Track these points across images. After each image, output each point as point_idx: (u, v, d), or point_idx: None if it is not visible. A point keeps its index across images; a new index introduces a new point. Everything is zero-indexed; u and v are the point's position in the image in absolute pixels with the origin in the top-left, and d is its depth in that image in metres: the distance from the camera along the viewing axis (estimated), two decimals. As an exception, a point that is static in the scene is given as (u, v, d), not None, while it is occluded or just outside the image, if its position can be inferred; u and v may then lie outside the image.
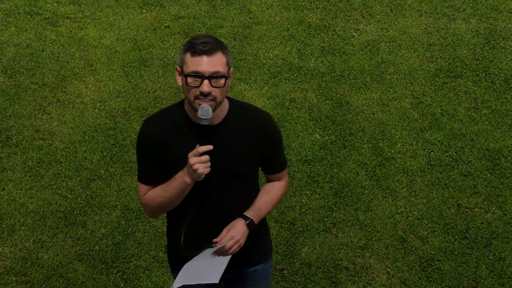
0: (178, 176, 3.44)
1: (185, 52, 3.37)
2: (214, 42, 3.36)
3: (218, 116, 3.50)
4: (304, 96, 6.37)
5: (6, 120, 6.18)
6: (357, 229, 5.47)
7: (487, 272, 5.22)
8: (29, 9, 7.21)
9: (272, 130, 3.63)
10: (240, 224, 3.58)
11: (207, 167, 3.37)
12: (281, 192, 3.78)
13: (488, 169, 5.83)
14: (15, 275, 5.20)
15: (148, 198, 3.60)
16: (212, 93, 3.34)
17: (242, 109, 3.61)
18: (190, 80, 3.35)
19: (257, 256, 3.88)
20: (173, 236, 3.77)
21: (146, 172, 3.61)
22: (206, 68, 3.32)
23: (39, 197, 5.65)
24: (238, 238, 3.55)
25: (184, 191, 3.47)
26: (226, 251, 3.56)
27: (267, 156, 3.66)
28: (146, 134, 3.56)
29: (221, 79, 3.35)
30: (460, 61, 6.66)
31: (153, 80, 6.51)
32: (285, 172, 3.80)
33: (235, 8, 7.21)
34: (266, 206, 3.69)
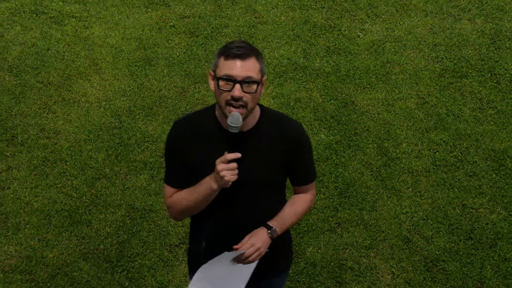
0: (205, 181, 3.40)
1: (219, 56, 3.34)
2: (249, 48, 3.33)
3: (248, 123, 3.45)
4: (309, 96, 6.37)
5: (12, 119, 6.18)
6: (362, 229, 5.47)
7: (492, 272, 5.22)
8: (35, 8, 7.22)
9: (303, 140, 3.57)
10: (263, 232, 3.53)
11: (234, 174, 3.33)
12: (307, 205, 3.71)
13: (494, 169, 5.83)
14: (20, 274, 5.20)
15: (174, 201, 3.57)
16: (243, 98, 3.30)
17: (274, 117, 3.55)
18: (221, 84, 3.31)
19: (277, 268, 3.84)
20: (194, 241, 3.74)
21: (172, 174, 3.58)
22: (238, 72, 3.29)
23: (44, 195, 5.66)
24: (259, 246, 3.50)
25: (210, 196, 3.44)
26: (245, 258, 3.51)
27: (296, 167, 3.60)
28: (175, 136, 3.53)
29: (253, 84, 3.31)
30: (466, 61, 6.65)
31: (158, 79, 6.52)
32: (313, 185, 3.73)
33: (240, 7, 7.21)
34: (290, 217, 3.63)
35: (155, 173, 5.77)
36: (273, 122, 3.53)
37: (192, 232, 3.77)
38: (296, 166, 3.60)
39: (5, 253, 5.32)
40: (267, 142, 3.49)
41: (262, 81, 3.38)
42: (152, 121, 6.17)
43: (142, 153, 5.93)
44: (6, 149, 5.96)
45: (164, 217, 5.50)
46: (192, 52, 6.77)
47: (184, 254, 5.28)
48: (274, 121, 3.54)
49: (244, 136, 3.46)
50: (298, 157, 3.57)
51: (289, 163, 3.56)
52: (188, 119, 3.57)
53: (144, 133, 6.06)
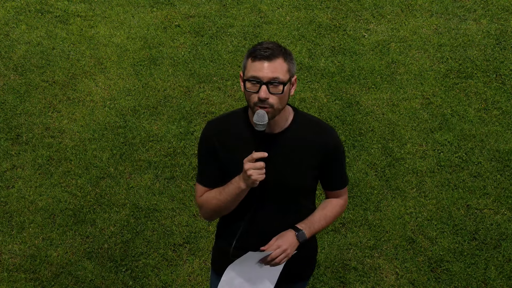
0: (234, 181, 3.40)
1: (247, 57, 3.34)
2: (277, 48, 3.31)
3: (279, 125, 3.45)
4: (314, 96, 6.36)
5: (17, 118, 6.19)
6: (366, 229, 5.46)
7: (496, 273, 5.21)
8: (40, 7, 7.23)
9: (336, 145, 3.54)
10: (290, 235, 3.51)
11: (262, 173, 3.32)
12: (338, 211, 3.69)
13: (498, 170, 5.82)
14: (24, 273, 5.21)
15: (204, 200, 3.57)
16: (269, 99, 3.29)
17: (306, 120, 3.53)
18: (248, 85, 3.31)
19: (299, 273, 3.82)
20: (222, 240, 3.72)
21: (204, 173, 3.58)
22: (264, 74, 3.27)
23: (49, 194, 5.66)
24: (285, 248, 3.48)
25: (239, 196, 3.43)
26: (272, 259, 3.49)
27: (328, 171, 3.58)
28: (208, 136, 3.53)
29: (280, 85, 3.29)
30: (471, 62, 6.65)
31: (163, 79, 6.52)
32: (345, 190, 3.71)
33: (245, 7, 7.21)
34: (319, 221, 3.61)
35: (160, 173, 5.78)
36: (307, 126, 3.51)
37: (220, 231, 3.76)
38: (330, 172, 3.58)
39: (9, 252, 5.32)
40: (299, 146, 3.47)
41: (291, 81, 3.37)
42: (156, 120, 6.17)
43: (146, 152, 5.93)
44: (11, 148, 5.97)
45: (168, 216, 5.51)
46: (197, 52, 6.77)
47: (188, 253, 5.29)
48: (308, 125, 3.52)
49: (274, 138, 3.45)
50: (332, 163, 3.56)
51: (323, 169, 3.54)
52: (221, 119, 3.58)
53: (148, 133, 6.06)
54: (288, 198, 3.54)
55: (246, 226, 3.57)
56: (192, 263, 5.23)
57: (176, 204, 5.57)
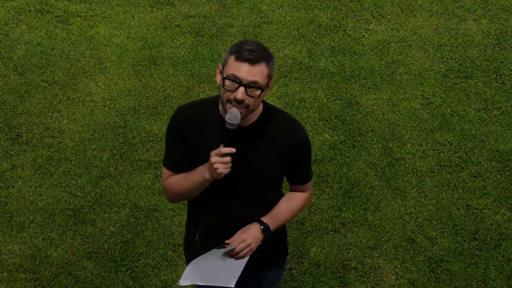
0: (199, 170, 3.45)
1: (231, 53, 3.35)
2: (261, 52, 3.33)
3: (249, 118, 3.47)
4: (314, 96, 6.37)
5: (17, 118, 6.19)
6: (366, 230, 5.46)
7: (496, 273, 5.21)
8: (40, 7, 7.23)
9: (303, 140, 3.58)
10: (255, 228, 3.56)
11: (227, 167, 3.34)
12: (302, 204, 3.73)
13: (498, 170, 5.82)
14: (24, 273, 5.21)
15: (169, 184, 3.61)
16: (245, 101, 3.31)
17: (275, 115, 3.57)
18: (227, 83, 3.32)
19: (270, 262, 3.86)
20: (191, 227, 3.78)
21: (171, 158, 3.62)
22: (245, 76, 3.29)
23: (49, 194, 5.66)
24: (250, 242, 3.53)
25: (202, 185, 3.48)
26: (236, 253, 3.53)
27: (294, 166, 3.61)
28: (178, 121, 3.57)
29: (258, 90, 3.32)
30: (471, 62, 6.65)
31: (163, 79, 6.52)
32: (309, 185, 3.75)
33: (245, 7, 7.21)
34: (284, 214, 3.65)
35: (160, 173, 5.78)
36: (275, 120, 3.55)
37: (188, 220, 3.81)
38: (295, 166, 3.62)
39: (9, 252, 5.32)
40: (267, 139, 3.51)
41: (268, 85, 3.39)
42: (156, 120, 6.17)
43: (146, 152, 5.93)
44: (10, 148, 5.97)
45: (168, 216, 5.51)
46: (197, 52, 6.77)
47: (188, 253, 5.29)
48: (276, 120, 3.55)
49: (244, 131, 3.48)
50: (297, 157, 3.59)
51: (289, 164, 3.58)
52: (193, 106, 3.61)
53: (148, 133, 6.06)
54: (254, 191, 3.59)
55: (211, 216, 3.62)
56: (192, 263, 5.23)
57: (176, 204, 5.57)
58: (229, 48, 3.38)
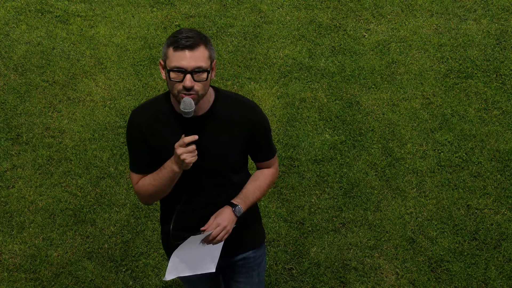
0: (167, 165, 3.50)
1: (168, 46, 3.40)
2: (197, 36, 3.39)
3: (202, 107, 3.54)
4: (314, 95, 6.37)
5: (17, 118, 6.19)
6: (366, 229, 5.46)
7: (496, 273, 5.21)
8: (40, 7, 7.23)
9: (259, 118, 3.65)
10: (227, 211, 3.63)
11: (194, 156, 3.42)
12: (270, 180, 3.80)
13: (498, 170, 5.82)
14: (24, 272, 5.21)
15: (140, 187, 3.66)
16: (194, 87, 3.37)
17: (228, 99, 3.63)
18: (173, 75, 3.38)
19: (248, 243, 3.93)
20: (165, 224, 3.83)
21: (136, 161, 3.67)
22: (188, 63, 3.35)
23: (49, 194, 5.66)
24: (225, 225, 3.60)
25: (173, 179, 3.53)
26: (213, 238, 3.60)
27: (255, 145, 3.69)
28: (134, 125, 3.61)
29: (203, 73, 3.38)
30: (471, 62, 6.65)
31: (163, 79, 6.51)
32: (274, 160, 3.82)
33: (245, 7, 7.21)
34: (254, 193, 3.72)
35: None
36: (229, 104, 3.61)
37: (162, 214, 3.87)
38: (256, 144, 3.69)
39: (9, 252, 5.32)
40: (224, 123, 3.58)
41: (212, 67, 3.45)
42: (157, 120, 6.17)
43: (146, 152, 5.93)
44: (11, 148, 5.97)
45: (169, 216, 5.51)
46: (197, 52, 6.76)
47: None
48: (230, 104, 3.62)
49: (199, 120, 3.54)
50: (257, 135, 3.66)
51: (250, 144, 3.66)
52: (145, 107, 3.66)
53: (149, 133, 6.06)
54: (220, 175, 3.66)
55: (182, 207, 3.68)
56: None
57: (176, 204, 5.57)
58: (166, 41, 3.44)
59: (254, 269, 4.05)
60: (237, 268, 4.00)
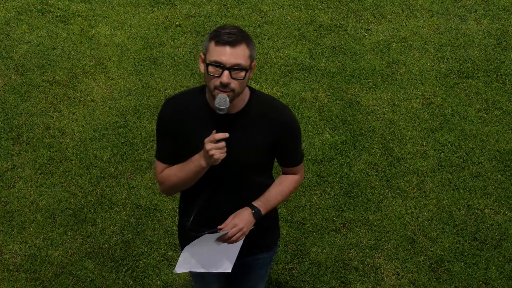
0: (195, 159, 3.50)
1: (210, 40, 3.41)
2: (240, 34, 3.38)
3: (237, 105, 3.53)
4: (315, 95, 6.36)
5: (17, 118, 6.20)
6: (367, 229, 5.46)
7: (497, 273, 5.21)
8: (41, 7, 7.23)
9: (291, 123, 3.64)
10: (246, 213, 3.63)
11: (223, 153, 3.41)
12: (293, 186, 3.79)
13: (499, 170, 5.82)
14: (25, 272, 5.21)
15: (164, 177, 3.66)
16: (231, 84, 3.36)
17: (262, 100, 3.62)
18: (211, 69, 3.38)
19: (263, 244, 3.93)
20: (183, 217, 3.83)
21: (163, 151, 3.67)
22: (227, 59, 3.35)
23: (49, 194, 5.67)
24: (241, 227, 3.60)
25: (199, 173, 3.53)
26: (228, 238, 3.60)
27: (284, 148, 3.68)
28: (166, 115, 3.62)
29: (242, 71, 3.37)
30: (472, 62, 6.64)
31: (164, 79, 6.52)
32: (301, 167, 3.81)
33: (246, 7, 7.21)
34: (275, 197, 3.71)
35: (160, 173, 5.78)
36: (263, 106, 3.60)
37: (181, 207, 3.86)
38: (285, 148, 3.68)
39: (10, 252, 5.33)
40: (255, 124, 3.57)
41: (251, 67, 3.45)
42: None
43: (147, 152, 5.93)
44: (11, 148, 5.97)
45: (169, 216, 5.51)
46: (197, 52, 6.77)
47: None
48: (264, 105, 3.60)
49: (232, 118, 3.53)
50: (288, 140, 3.66)
51: (278, 147, 3.65)
52: (178, 99, 3.65)
53: (149, 133, 6.07)
54: (244, 176, 3.65)
55: (204, 202, 3.68)
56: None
57: (177, 204, 5.57)
58: (208, 35, 3.44)
59: (263, 268, 4.07)
60: (247, 267, 4.00)
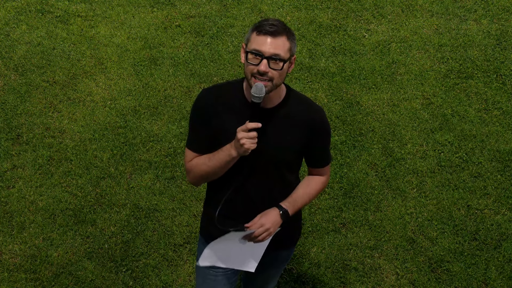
0: (225, 148, 3.53)
1: (252, 30, 3.45)
2: (281, 26, 3.43)
3: (272, 101, 3.57)
4: (315, 96, 6.36)
5: (17, 118, 6.19)
6: (367, 230, 5.46)
7: (496, 273, 5.21)
8: (41, 7, 7.23)
9: (323, 125, 3.67)
10: (274, 213, 3.66)
11: (254, 143, 3.44)
12: (320, 187, 3.83)
13: (499, 170, 5.82)
14: (25, 273, 5.21)
15: (193, 165, 3.69)
16: (268, 73, 3.41)
17: (298, 99, 3.66)
18: (250, 57, 3.43)
19: (284, 242, 3.95)
20: (209, 208, 3.85)
21: (194, 139, 3.69)
22: (267, 49, 3.40)
23: (49, 194, 5.66)
24: (268, 227, 3.63)
25: (229, 163, 3.56)
26: (255, 237, 3.63)
27: (313, 149, 3.72)
28: (202, 103, 3.65)
29: (280, 62, 3.41)
30: (471, 62, 6.64)
31: (164, 79, 6.52)
32: (327, 168, 3.84)
33: (246, 7, 7.21)
34: (303, 198, 3.76)
35: (160, 173, 5.78)
36: (298, 104, 3.64)
37: (209, 199, 3.88)
38: (316, 149, 3.72)
39: (9, 252, 5.32)
40: (289, 122, 3.60)
41: (290, 60, 3.49)
42: (157, 120, 6.17)
43: (147, 152, 5.93)
44: (11, 148, 5.97)
45: (169, 216, 5.51)
46: (197, 52, 6.77)
47: (189, 253, 5.29)
48: (299, 104, 3.64)
49: (267, 112, 3.57)
50: (319, 141, 3.70)
51: (309, 146, 3.68)
52: (217, 88, 3.69)
53: (149, 133, 6.06)
54: (274, 171, 3.68)
55: (232, 194, 3.70)
56: (193, 263, 5.23)
57: (177, 204, 5.57)
58: (251, 27, 3.49)
59: (279, 267, 4.13)
60: (263, 264, 4.02)
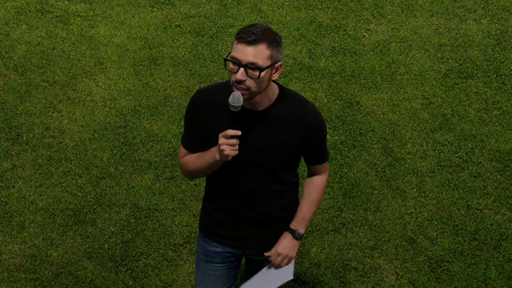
0: (212, 151, 3.55)
1: (235, 37, 3.44)
2: (262, 34, 3.39)
3: (262, 103, 3.56)
4: (314, 96, 6.36)
5: (17, 118, 6.19)
6: (366, 230, 5.46)
7: (496, 273, 5.21)
8: (40, 7, 7.23)
9: (317, 122, 3.66)
10: (287, 239, 3.78)
11: (234, 150, 3.44)
12: (322, 191, 3.87)
13: (499, 170, 5.82)
14: (24, 272, 5.21)
15: (184, 162, 3.73)
16: (246, 82, 3.39)
17: (290, 99, 3.64)
18: (230, 65, 3.43)
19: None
20: (206, 205, 3.91)
21: (187, 138, 3.73)
22: (243, 57, 3.37)
23: (49, 194, 5.66)
24: (286, 254, 3.76)
25: (213, 165, 3.59)
26: (277, 266, 3.77)
27: (309, 148, 3.71)
28: (196, 103, 3.67)
29: (257, 70, 3.38)
30: (471, 62, 6.64)
31: (164, 79, 6.52)
32: (326, 165, 3.86)
33: (246, 7, 7.21)
34: (309, 210, 3.82)
35: (160, 173, 5.78)
36: (290, 105, 3.62)
37: (205, 195, 3.93)
38: (311, 147, 3.71)
39: (9, 252, 5.32)
40: (281, 123, 3.59)
41: (273, 67, 3.45)
42: (157, 120, 6.17)
43: (147, 152, 5.93)
44: (11, 148, 5.97)
45: (169, 216, 5.51)
46: (197, 52, 6.77)
47: (189, 253, 5.29)
48: (291, 104, 3.63)
49: (258, 115, 3.57)
50: (314, 140, 3.69)
51: (304, 146, 3.68)
52: (211, 89, 3.70)
53: (149, 133, 6.06)
54: (269, 172, 3.68)
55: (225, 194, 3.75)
56: (193, 263, 5.23)
57: (177, 204, 5.57)
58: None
59: None
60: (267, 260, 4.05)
